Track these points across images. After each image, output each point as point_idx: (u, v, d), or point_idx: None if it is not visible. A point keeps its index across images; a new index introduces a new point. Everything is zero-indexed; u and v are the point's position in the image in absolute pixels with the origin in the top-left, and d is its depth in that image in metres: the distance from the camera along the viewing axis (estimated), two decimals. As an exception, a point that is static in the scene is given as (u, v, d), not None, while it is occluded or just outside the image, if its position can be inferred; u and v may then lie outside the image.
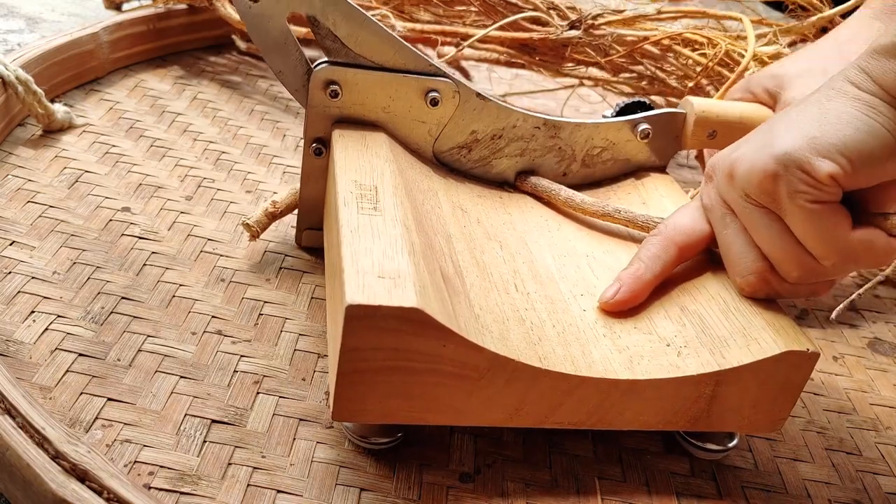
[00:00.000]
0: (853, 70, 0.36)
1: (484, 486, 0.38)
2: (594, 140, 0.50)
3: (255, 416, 0.39)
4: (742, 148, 0.38)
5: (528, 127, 0.49)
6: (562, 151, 0.50)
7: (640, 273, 0.41)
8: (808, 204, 0.35)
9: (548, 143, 0.50)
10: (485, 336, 0.36)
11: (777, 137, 0.36)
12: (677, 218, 0.42)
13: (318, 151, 0.46)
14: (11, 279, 0.44)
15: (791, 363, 0.37)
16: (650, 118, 0.51)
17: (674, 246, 0.41)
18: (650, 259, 0.41)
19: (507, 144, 0.49)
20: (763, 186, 0.36)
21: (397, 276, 0.33)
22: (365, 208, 0.37)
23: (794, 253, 0.37)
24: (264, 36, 0.44)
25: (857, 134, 0.35)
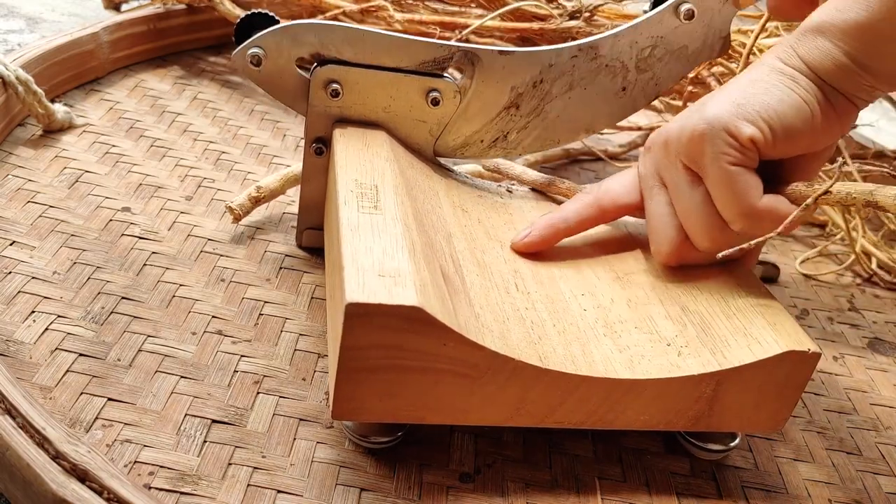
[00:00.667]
0: (782, 47, 0.39)
1: (484, 486, 0.38)
2: (640, 42, 0.48)
3: (256, 416, 0.39)
4: (677, 120, 0.40)
5: (566, 59, 0.47)
6: (610, 68, 0.48)
7: (555, 222, 0.44)
8: (729, 165, 0.37)
9: (591, 66, 0.48)
10: (485, 335, 0.36)
11: (708, 104, 0.38)
12: (611, 182, 0.45)
13: (319, 151, 0.46)
14: (11, 279, 0.44)
15: (792, 363, 0.37)
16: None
17: (598, 205, 0.44)
18: (570, 212, 0.44)
19: (552, 85, 0.47)
20: (691, 146, 0.38)
21: (397, 275, 0.33)
22: (365, 207, 0.37)
23: (708, 221, 0.39)
24: (282, 91, 0.45)
25: (778, 104, 0.37)
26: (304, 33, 0.43)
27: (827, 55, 0.37)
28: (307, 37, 0.43)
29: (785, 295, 0.58)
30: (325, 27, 0.43)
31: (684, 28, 0.48)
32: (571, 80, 0.48)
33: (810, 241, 0.66)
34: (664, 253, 0.42)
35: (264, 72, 0.44)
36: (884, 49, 0.36)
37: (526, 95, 0.47)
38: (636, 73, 0.49)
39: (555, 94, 0.48)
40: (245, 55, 0.43)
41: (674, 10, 0.48)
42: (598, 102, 0.49)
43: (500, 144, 0.49)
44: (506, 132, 0.48)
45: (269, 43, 0.43)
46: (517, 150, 0.50)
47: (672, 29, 0.48)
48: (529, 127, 0.49)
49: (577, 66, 0.47)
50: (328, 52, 0.43)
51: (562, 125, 0.49)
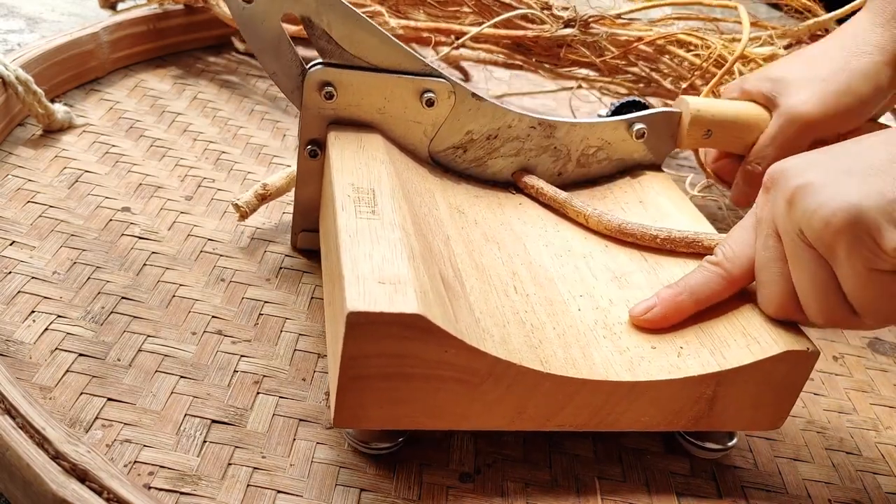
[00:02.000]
0: None
1: (484, 486, 0.38)
2: (589, 140, 0.50)
3: (255, 417, 0.39)
4: (810, 174, 0.34)
5: (524, 127, 0.49)
6: (557, 151, 0.50)
7: (682, 300, 0.39)
8: (866, 270, 0.33)
9: (543, 142, 0.50)
10: (486, 340, 0.36)
11: (852, 182, 0.33)
12: (736, 247, 0.39)
13: (314, 153, 0.46)
14: (11, 279, 0.44)
15: (791, 362, 0.37)
16: (645, 117, 0.51)
17: (728, 278, 0.39)
18: (698, 287, 0.39)
19: (503, 144, 0.49)
20: (823, 236, 0.33)
21: (398, 282, 0.33)
22: (363, 212, 0.37)
23: (828, 302, 0.35)
24: (258, 37, 0.44)
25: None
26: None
27: None
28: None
29: (785, 295, 0.58)
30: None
31: (630, 143, 0.51)
32: (521, 148, 0.49)
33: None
34: (771, 311, 0.38)
35: (249, 10, 0.43)
36: None
37: (477, 143, 0.48)
38: (575, 165, 0.51)
39: (501, 153, 0.49)
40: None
41: (628, 125, 0.51)
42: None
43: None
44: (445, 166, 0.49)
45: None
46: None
47: (620, 140, 0.51)
48: (466, 172, 0.50)
49: (532, 137, 0.49)
50: (319, 20, 0.42)
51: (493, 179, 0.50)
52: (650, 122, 0.51)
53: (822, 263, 0.34)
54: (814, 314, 0.36)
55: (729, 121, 0.51)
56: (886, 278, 0.33)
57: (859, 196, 0.32)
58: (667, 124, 0.51)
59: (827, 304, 0.35)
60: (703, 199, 0.67)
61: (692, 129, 0.51)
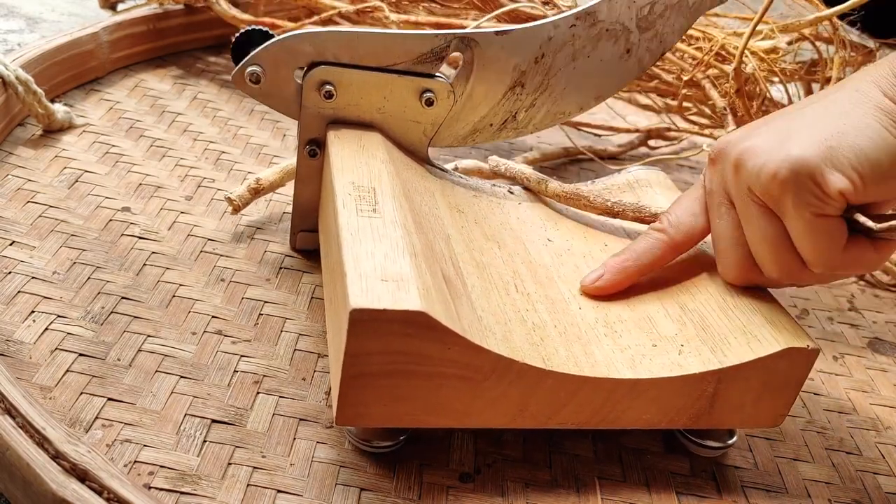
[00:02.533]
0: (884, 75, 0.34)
1: (484, 486, 0.38)
2: (637, 1, 0.47)
3: (255, 416, 0.39)
4: (754, 139, 0.37)
5: (564, 30, 0.46)
6: (611, 32, 0.47)
7: (628, 265, 0.41)
8: (812, 216, 0.34)
9: (592, 33, 0.47)
10: (488, 338, 0.36)
11: (793, 139, 0.35)
12: (679, 212, 0.41)
13: (313, 153, 0.46)
14: (11, 279, 0.44)
15: (791, 360, 0.38)
16: None
17: (671, 242, 0.41)
18: (642, 253, 0.41)
19: (554, 58, 0.47)
20: (770, 189, 0.35)
21: (400, 279, 0.33)
22: (364, 210, 0.37)
23: (782, 255, 0.37)
24: (285, 104, 0.45)
25: (874, 150, 0.33)
26: (300, 44, 0.43)
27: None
28: (303, 47, 0.43)
29: (785, 295, 0.58)
30: (319, 35, 0.42)
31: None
32: (573, 51, 0.47)
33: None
34: (731, 276, 0.40)
35: (264, 88, 0.44)
36: None
37: (529, 72, 0.46)
38: (639, 33, 0.48)
39: (558, 66, 0.47)
40: (244, 74, 0.43)
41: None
42: (605, 68, 0.48)
43: (510, 125, 0.48)
44: (514, 112, 0.48)
45: (265, 59, 0.43)
46: (528, 128, 0.49)
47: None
48: (537, 104, 0.48)
49: (577, 35, 0.47)
50: (325, 58, 0.43)
51: (570, 97, 0.49)
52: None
53: (772, 218, 0.36)
54: (769, 269, 0.38)
55: None
56: (831, 223, 0.35)
57: (801, 149, 0.34)
58: None
59: (780, 257, 0.37)
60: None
61: None
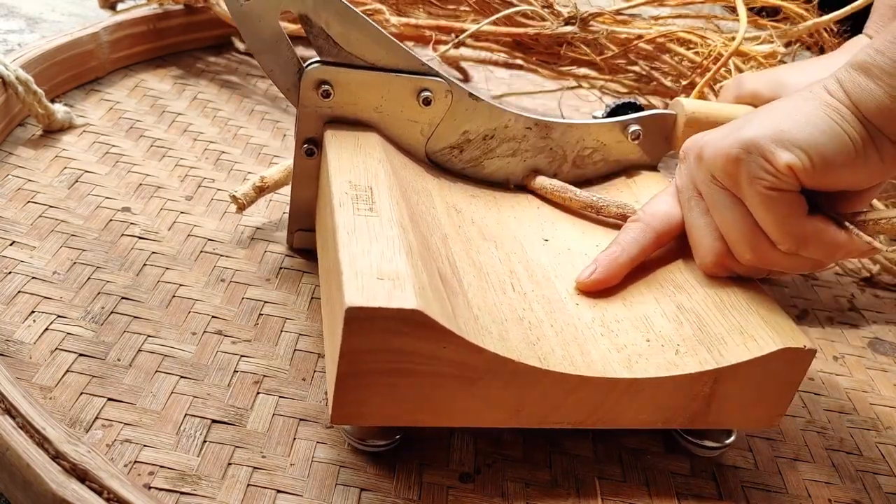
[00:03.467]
0: (831, 79, 0.38)
1: (484, 486, 0.38)
2: (585, 141, 0.51)
3: (256, 416, 0.39)
4: (713, 133, 0.40)
5: (520, 127, 0.49)
6: (553, 152, 0.50)
7: (617, 256, 0.43)
8: (766, 190, 0.37)
9: (539, 143, 0.50)
10: (484, 337, 0.36)
11: (747, 126, 0.38)
12: (655, 204, 0.44)
13: (310, 152, 0.46)
14: (11, 279, 0.44)
15: (788, 360, 0.38)
16: (641, 119, 0.51)
17: (652, 231, 0.43)
18: (628, 243, 0.43)
19: (499, 145, 0.49)
20: (726, 168, 0.38)
21: (396, 278, 0.33)
22: (361, 209, 0.37)
23: (749, 236, 0.39)
24: (256, 35, 0.44)
25: (820, 135, 0.36)
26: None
27: (870, 95, 0.36)
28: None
29: (785, 295, 0.58)
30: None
31: (626, 145, 0.52)
32: (517, 149, 0.49)
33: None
34: (708, 265, 0.41)
35: (246, 8, 0.43)
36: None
37: (473, 143, 0.48)
38: (570, 166, 0.51)
39: (497, 153, 0.49)
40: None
41: (624, 126, 0.51)
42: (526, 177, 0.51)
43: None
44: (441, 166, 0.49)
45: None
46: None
47: (616, 142, 0.52)
48: (463, 173, 0.50)
49: (528, 137, 0.49)
50: (317, 18, 0.42)
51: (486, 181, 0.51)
52: (645, 124, 0.51)
53: (735, 200, 0.39)
54: (740, 251, 0.39)
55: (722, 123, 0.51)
56: (786, 197, 0.37)
57: (750, 132, 0.37)
58: (662, 126, 0.52)
59: (748, 237, 0.39)
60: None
61: (687, 131, 0.51)
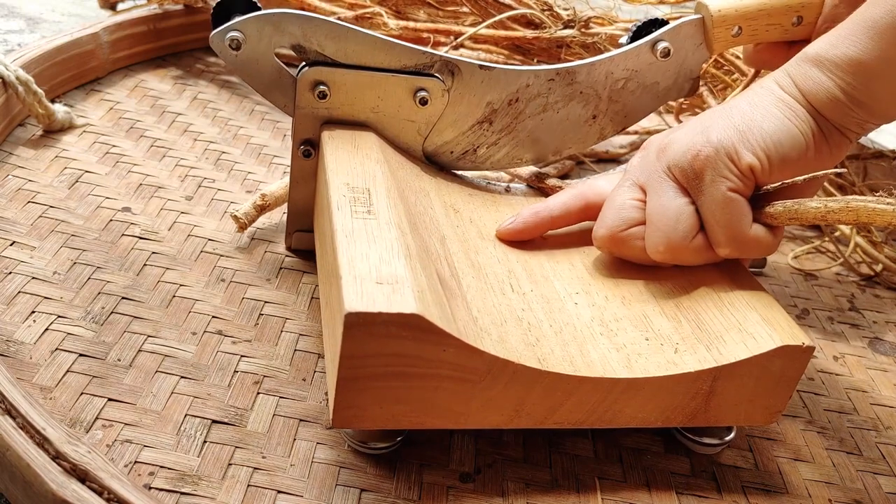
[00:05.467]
0: (781, 72, 0.39)
1: (484, 486, 0.38)
2: (615, 73, 0.49)
3: (256, 417, 0.39)
4: (677, 132, 0.41)
5: (542, 82, 0.48)
6: (584, 95, 0.49)
7: (540, 210, 0.45)
8: (727, 191, 0.38)
9: (567, 91, 0.48)
10: (484, 339, 0.36)
11: (712, 126, 0.39)
12: (597, 178, 0.46)
13: (307, 153, 0.46)
14: (12, 279, 0.44)
15: (787, 357, 0.38)
16: (667, 33, 0.48)
17: (582, 197, 0.45)
18: (555, 203, 0.45)
19: (527, 105, 0.48)
20: (693, 165, 0.39)
21: (395, 282, 0.33)
22: (359, 212, 0.37)
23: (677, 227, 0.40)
24: (258, 79, 0.44)
25: (776, 133, 0.38)
26: (288, 23, 0.42)
27: (821, 87, 0.38)
28: (290, 27, 0.42)
29: (785, 294, 0.58)
30: (309, 19, 0.42)
31: (658, 65, 0.49)
32: (546, 103, 0.49)
33: (808, 238, 0.66)
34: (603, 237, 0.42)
35: (242, 57, 0.43)
36: (874, 85, 0.37)
37: (500, 112, 0.48)
38: (608, 103, 0.50)
39: (528, 114, 0.49)
40: (224, 38, 0.43)
41: (651, 46, 0.49)
42: (569, 127, 0.50)
43: (469, 157, 0.49)
44: (476, 146, 0.49)
45: (250, 28, 0.42)
46: (485, 164, 0.50)
47: (647, 64, 0.49)
48: (500, 143, 0.49)
49: (553, 89, 0.48)
50: (310, 44, 0.43)
51: (531, 145, 0.50)
52: (673, 38, 0.48)
53: (681, 195, 0.40)
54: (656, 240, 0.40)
55: (755, 12, 0.48)
56: (741, 201, 0.39)
57: (719, 133, 0.39)
58: (692, 35, 0.48)
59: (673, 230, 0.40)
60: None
61: (719, 32, 0.47)
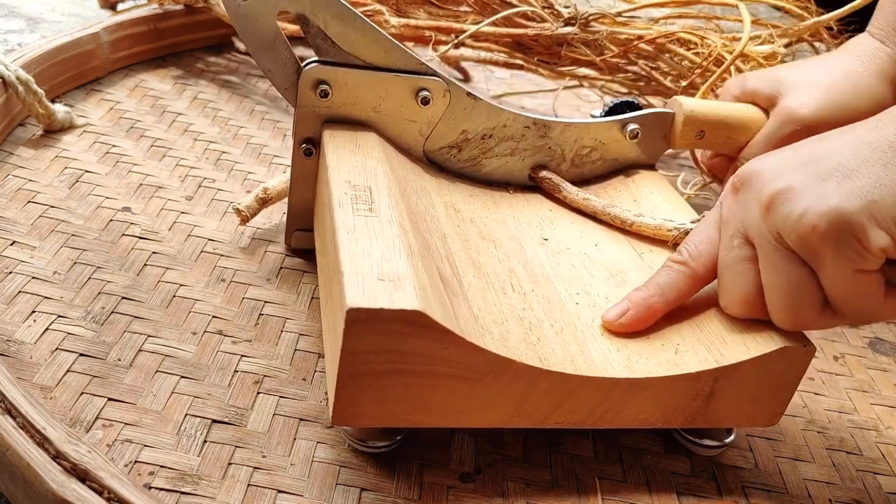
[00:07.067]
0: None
1: (484, 486, 0.38)
2: (583, 140, 0.51)
3: (256, 416, 0.39)
4: (787, 178, 0.35)
5: (519, 126, 0.49)
6: (552, 151, 0.50)
7: (653, 301, 0.39)
8: (853, 272, 0.33)
9: (538, 142, 0.50)
10: (485, 337, 0.36)
11: (831, 185, 0.33)
12: (698, 242, 0.40)
13: (308, 152, 0.46)
14: (12, 279, 0.44)
15: (788, 358, 0.38)
16: (639, 118, 0.51)
17: (694, 277, 0.39)
18: (666, 287, 0.39)
19: (497, 144, 0.49)
20: (808, 241, 0.33)
21: (397, 279, 0.33)
22: (360, 210, 0.37)
23: (798, 302, 0.35)
24: (253, 35, 0.44)
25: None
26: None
27: None
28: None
29: (785, 294, 0.58)
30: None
31: (624, 144, 0.52)
32: (515, 147, 0.49)
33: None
34: (734, 312, 0.38)
35: (244, 9, 0.42)
36: None
37: (472, 143, 0.48)
38: (569, 165, 0.51)
39: (496, 152, 0.49)
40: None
41: (622, 126, 0.51)
42: (526, 176, 0.51)
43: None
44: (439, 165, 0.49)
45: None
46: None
47: (614, 141, 0.51)
48: (461, 172, 0.50)
49: (527, 136, 0.49)
50: (315, 18, 0.42)
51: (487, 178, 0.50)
52: (643, 123, 0.51)
53: (800, 266, 0.35)
54: (781, 316, 0.37)
55: (721, 122, 0.51)
56: (871, 277, 0.34)
57: (840, 199, 0.33)
58: (660, 125, 0.51)
59: (798, 306, 0.36)
60: (698, 198, 0.67)
61: (685, 130, 0.51)
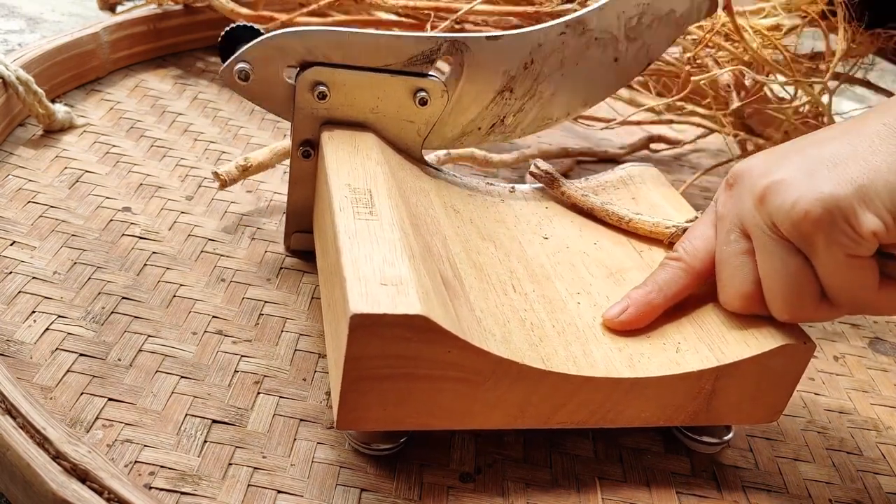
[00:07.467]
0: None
1: (484, 486, 0.38)
2: (626, 12, 0.47)
3: (256, 417, 0.39)
4: (779, 171, 0.35)
5: (554, 38, 0.47)
6: (600, 41, 0.48)
7: (652, 298, 0.40)
8: (845, 257, 0.34)
9: (580, 41, 0.47)
10: (488, 339, 0.36)
11: (822, 174, 0.34)
12: (694, 240, 0.40)
13: (307, 154, 0.46)
14: (12, 279, 0.44)
15: (788, 356, 0.38)
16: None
17: (693, 273, 0.40)
18: (665, 284, 0.40)
19: (543, 64, 0.47)
20: (801, 227, 0.34)
21: (399, 283, 0.33)
22: (361, 213, 0.37)
23: (796, 293, 0.36)
24: (273, 101, 0.44)
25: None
26: (290, 42, 0.42)
27: None
28: (293, 45, 0.42)
29: (785, 295, 0.58)
30: (309, 34, 0.42)
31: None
32: (562, 58, 0.47)
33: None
34: (734, 307, 0.39)
35: (252, 85, 0.43)
36: None
37: (518, 78, 0.47)
38: (626, 43, 0.49)
39: (547, 73, 0.48)
40: (232, 71, 0.43)
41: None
42: (592, 76, 0.49)
43: (499, 129, 0.49)
44: (502, 116, 0.48)
45: (254, 56, 0.43)
46: (516, 132, 0.50)
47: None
48: (525, 109, 0.49)
49: (567, 42, 0.47)
50: (315, 57, 0.43)
51: (557, 103, 0.49)
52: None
53: (795, 255, 0.35)
54: (779, 306, 0.37)
55: None
56: (864, 263, 0.34)
57: (832, 187, 0.33)
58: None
59: (795, 296, 0.36)
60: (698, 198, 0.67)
61: None
